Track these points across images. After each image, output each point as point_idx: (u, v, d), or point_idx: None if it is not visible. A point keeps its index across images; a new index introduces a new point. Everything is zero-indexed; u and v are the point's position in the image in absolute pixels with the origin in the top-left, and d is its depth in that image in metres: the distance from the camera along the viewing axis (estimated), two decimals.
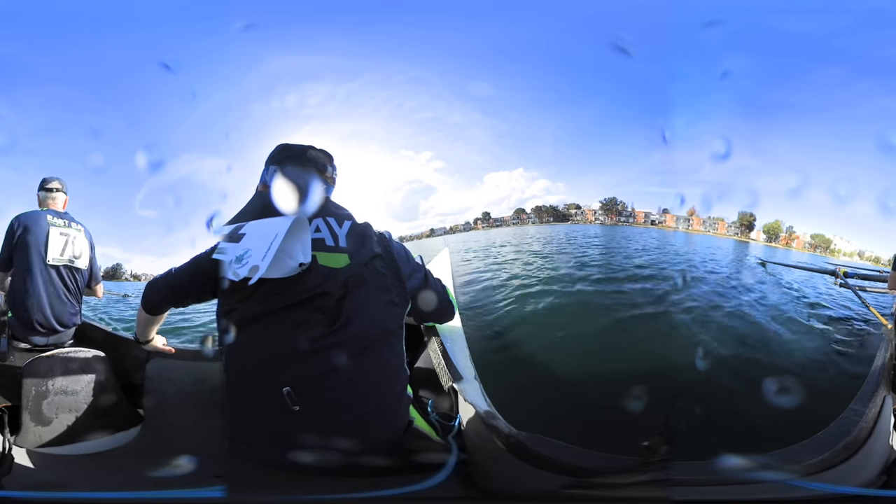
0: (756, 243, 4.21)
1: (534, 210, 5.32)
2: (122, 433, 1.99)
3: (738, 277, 4.16)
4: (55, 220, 2.19)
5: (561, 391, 2.29)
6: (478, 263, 4.66)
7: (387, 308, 1.35)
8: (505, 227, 5.52)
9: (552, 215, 5.27)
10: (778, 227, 4.11)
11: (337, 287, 1.29)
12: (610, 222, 4.66)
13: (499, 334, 3.36)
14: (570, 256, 4.77)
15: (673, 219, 4.41)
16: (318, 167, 1.49)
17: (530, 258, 5.14)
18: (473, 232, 5.46)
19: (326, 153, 1.54)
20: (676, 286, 3.67)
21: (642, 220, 4.57)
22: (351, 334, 1.26)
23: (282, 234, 1.25)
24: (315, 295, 1.27)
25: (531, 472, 1.22)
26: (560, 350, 3.09)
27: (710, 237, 4.24)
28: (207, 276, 1.40)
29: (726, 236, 4.31)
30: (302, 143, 1.53)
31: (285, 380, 1.22)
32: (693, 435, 1.46)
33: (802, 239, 4.02)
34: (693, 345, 3.01)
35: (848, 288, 2.99)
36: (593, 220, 4.94)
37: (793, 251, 3.92)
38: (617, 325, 3.64)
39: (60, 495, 1.57)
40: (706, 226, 4.27)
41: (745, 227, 4.24)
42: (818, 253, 3.84)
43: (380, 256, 1.38)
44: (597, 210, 4.84)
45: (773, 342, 3.30)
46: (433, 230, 5.17)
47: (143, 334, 1.90)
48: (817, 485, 1.21)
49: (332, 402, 1.24)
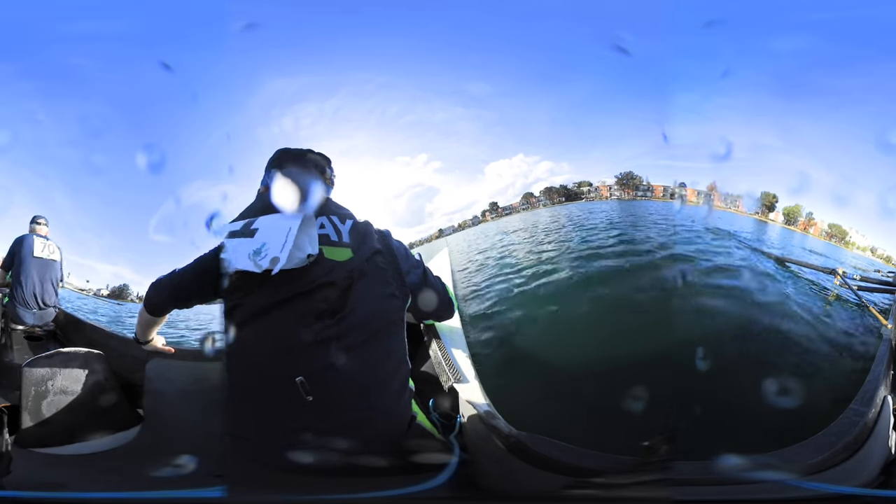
0: (774, 224, 4.19)
1: (543, 192, 5.21)
2: (121, 433, 1.99)
3: (744, 272, 4.13)
4: (39, 239, 2.62)
5: (561, 391, 2.29)
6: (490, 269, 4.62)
7: (388, 300, 1.39)
8: (515, 214, 5.44)
9: (564, 195, 5.15)
10: (798, 211, 4.07)
11: (342, 278, 1.33)
12: (627, 197, 4.56)
13: (499, 331, 3.36)
14: (582, 244, 4.70)
15: (694, 193, 4.34)
16: (318, 168, 1.54)
17: (535, 250, 5.11)
18: (483, 225, 5.37)
19: (324, 156, 1.60)
20: (676, 285, 3.67)
21: (661, 195, 4.48)
22: (355, 324, 1.30)
23: (296, 227, 1.30)
24: (321, 285, 1.31)
25: (531, 472, 1.22)
26: (560, 350, 3.08)
27: (730, 213, 4.21)
28: (212, 276, 1.41)
29: (747, 214, 4.28)
30: (300, 147, 1.58)
31: (298, 369, 1.25)
32: (693, 435, 1.46)
33: (820, 227, 3.99)
34: (694, 344, 3.01)
35: (848, 288, 2.98)
36: (609, 196, 4.84)
37: (809, 237, 3.89)
38: (618, 323, 3.64)
39: (60, 495, 1.58)
40: (727, 202, 4.22)
41: (766, 208, 4.21)
42: (833, 242, 3.82)
43: (380, 252, 1.43)
44: (612, 185, 4.73)
45: (773, 341, 3.30)
46: (441, 231, 5.10)
47: (144, 335, 1.89)
48: (817, 485, 1.21)
49: (339, 391, 1.26)
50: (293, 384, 1.24)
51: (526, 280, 4.06)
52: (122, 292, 2.63)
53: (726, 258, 3.67)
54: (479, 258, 4.78)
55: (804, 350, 3.02)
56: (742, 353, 2.57)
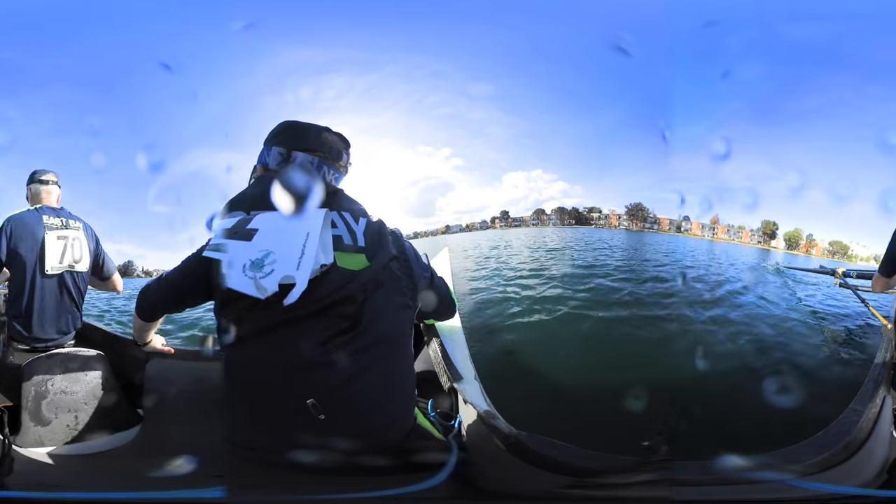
0: (777, 251, 4.29)
1: (555, 211, 5.28)
2: (121, 433, 1.99)
3: (744, 279, 4.19)
4: (51, 222, 2.09)
5: (561, 391, 2.29)
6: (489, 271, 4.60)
7: (402, 311, 1.28)
8: (524, 228, 5.48)
9: (574, 217, 5.22)
10: (798, 235, 4.18)
11: (357, 291, 1.19)
12: (636, 228, 4.63)
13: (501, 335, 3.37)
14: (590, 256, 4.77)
15: (699, 226, 4.43)
16: (332, 154, 1.35)
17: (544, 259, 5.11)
18: (490, 231, 5.41)
19: (343, 138, 1.38)
20: (676, 285, 3.66)
21: (667, 227, 4.56)
22: (371, 340, 1.19)
23: (316, 234, 1.08)
24: (336, 301, 1.17)
25: (531, 472, 1.22)
26: (561, 350, 3.09)
27: (734, 245, 4.30)
28: (203, 279, 1.26)
29: (750, 244, 4.37)
30: (314, 123, 1.37)
31: (309, 391, 1.15)
32: (693, 435, 1.46)
33: (821, 246, 4.09)
34: (694, 344, 3.01)
35: (847, 288, 2.98)
36: (617, 225, 4.91)
37: (812, 258, 3.96)
38: (619, 325, 3.65)
39: (60, 495, 1.58)
40: (730, 234, 4.32)
41: (767, 236, 4.30)
42: (836, 259, 3.88)
43: (396, 258, 1.29)
44: (621, 215, 4.79)
45: (773, 342, 3.30)
46: (449, 227, 5.13)
47: (141, 338, 1.88)
48: (817, 485, 1.21)
49: (350, 410, 1.19)
50: (303, 406, 1.13)
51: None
52: (128, 269, 2.54)
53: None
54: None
55: (804, 350, 3.03)
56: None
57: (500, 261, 5.28)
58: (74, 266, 2.11)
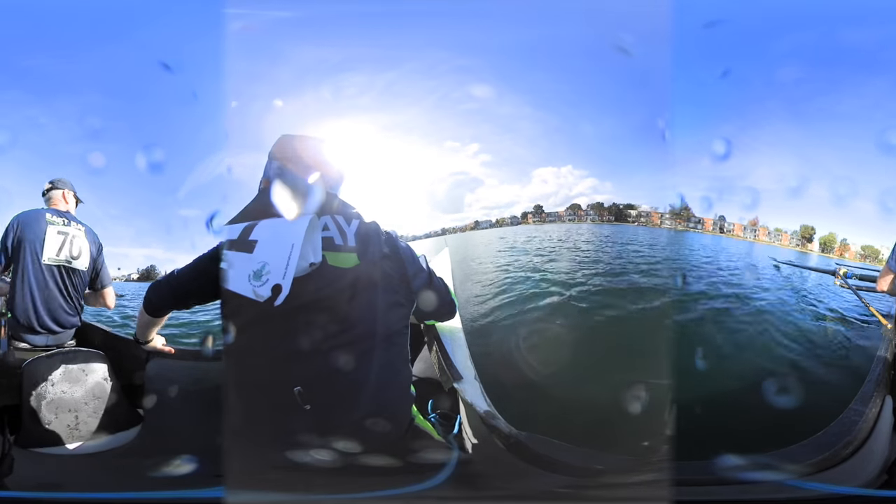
0: (814, 254, 4.32)
1: (593, 206, 5.13)
2: (121, 433, 1.99)
3: (746, 277, 4.19)
4: (54, 219, 2.17)
5: (561, 391, 2.28)
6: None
7: (393, 308, 1.34)
8: (560, 223, 5.38)
9: (614, 214, 5.07)
10: (833, 239, 4.19)
11: (346, 287, 1.27)
12: (681, 228, 4.54)
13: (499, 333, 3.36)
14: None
15: (741, 228, 4.43)
16: (325, 161, 1.45)
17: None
18: (523, 226, 5.33)
19: (335, 146, 1.49)
20: (676, 285, 3.67)
21: (710, 228, 4.50)
22: (359, 335, 1.26)
23: (298, 244, 1.20)
24: (324, 296, 1.26)
25: (531, 472, 1.22)
26: (562, 350, 3.08)
27: (773, 247, 4.33)
28: (210, 278, 1.37)
29: (789, 247, 4.40)
30: (307, 135, 1.47)
31: (296, 379, 1.22)
32: (693, 435, 1.45)
33: (854, 250, 4.10)
34: (694, 344, 3.01)
35: (848, 288, 2.98)
36: (659, 224, 4.81)
37: (846, 261, 3.99)
38: (619, 324, 3.64)
39: (60, 495, 1.58)
40: (771, 237, 4.34)
41: (805, 239, 4.33)
42: (868, 262, 3.90)
43: (388, 257, 1.36)
44: (664, 213, 4.69)
45: (773, 342, 3.30)
46: (478, 223, 5.06)
47: (144, 335, 1.89)
48: (817, 485, 1.21)
49: (340, 402, 1.24)
50: (290, 393, 1.21)
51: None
52: (150, 273, 2.54)
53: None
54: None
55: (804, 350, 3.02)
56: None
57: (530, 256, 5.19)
58: (72, 262, 2.17)
